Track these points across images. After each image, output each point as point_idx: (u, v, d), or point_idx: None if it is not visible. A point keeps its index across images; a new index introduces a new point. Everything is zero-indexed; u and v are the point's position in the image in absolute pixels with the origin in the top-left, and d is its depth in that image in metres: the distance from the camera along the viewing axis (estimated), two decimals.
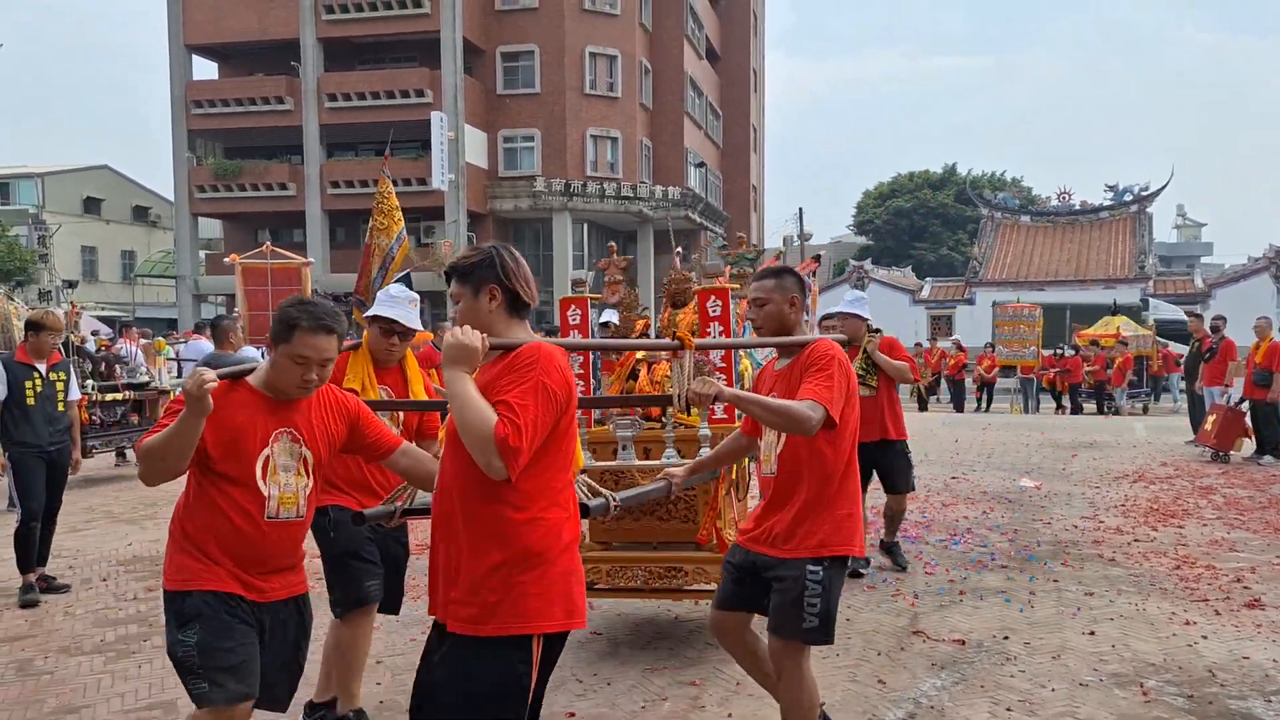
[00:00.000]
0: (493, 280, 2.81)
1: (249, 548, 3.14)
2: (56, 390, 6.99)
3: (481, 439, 2.58)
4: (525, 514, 2.70)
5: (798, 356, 3.66)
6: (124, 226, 55.95)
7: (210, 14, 39.09)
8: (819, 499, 3.57)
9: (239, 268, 17.34)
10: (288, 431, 3.21)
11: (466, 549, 2.71)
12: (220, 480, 3.13)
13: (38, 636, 5.87)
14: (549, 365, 2.69)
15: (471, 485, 2.71)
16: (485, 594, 2.67)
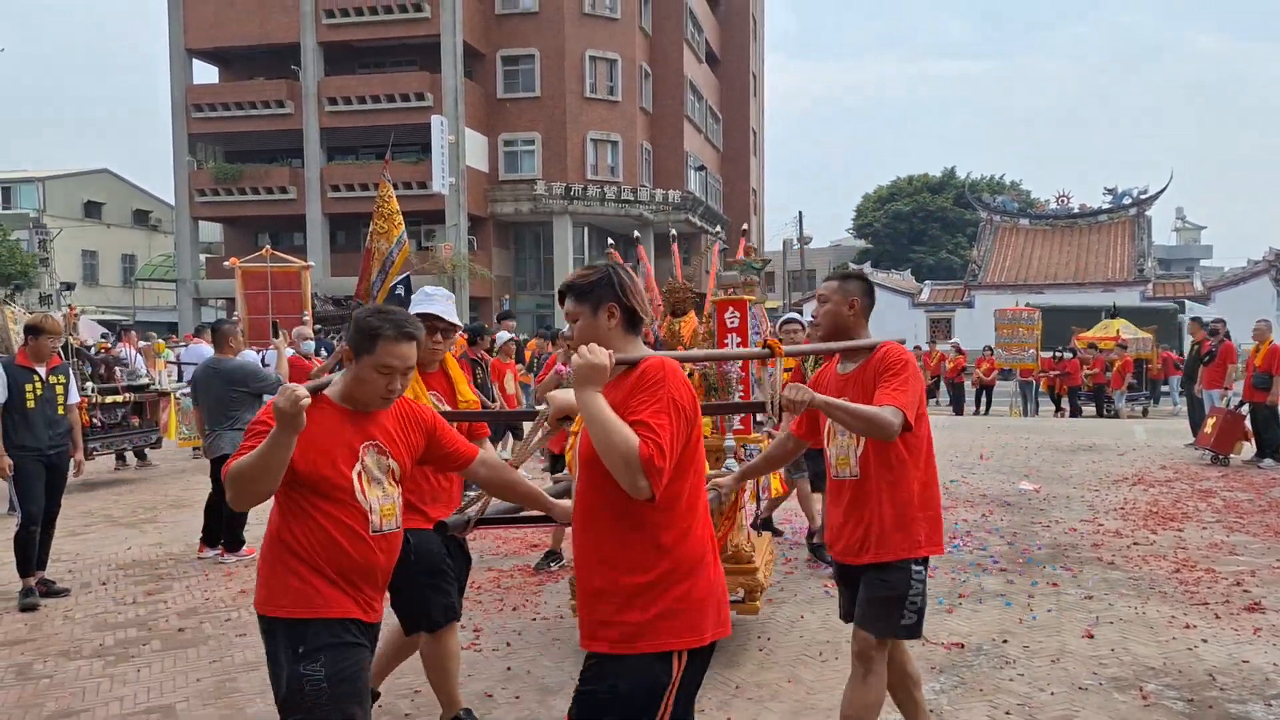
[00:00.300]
0: (611, 298, 2.82)
1: (361, 564, 3.04)
2: (56, 394, 6.98)
3: (628, 461, 2.55)
4: (674, 530, 2.69)
5: (867, 360, 3.68)
6: (124, 230, 56.00)
7: (211, 18, 39.15)
8: (909, 501, 3.65)
9: (239, 271, 17.35)
10: (374, 444, 3.10)
11: (616, 570, 2.70)
12: (317, 498, 3.00)
13: (37, 640, 5.87)
14: (675, 380, 2.70)
15: (617, 508, 2.68)
16: (636, 612, 2.66)
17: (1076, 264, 44.95)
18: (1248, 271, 42.69)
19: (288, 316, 16.47)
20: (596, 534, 2.74)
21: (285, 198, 38.99)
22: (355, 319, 3.14)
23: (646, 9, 43.04)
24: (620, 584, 2.68)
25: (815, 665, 5.11)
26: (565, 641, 5.57)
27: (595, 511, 2.74)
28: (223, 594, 6.84)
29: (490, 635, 5.70)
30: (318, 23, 37.92)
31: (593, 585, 2.75)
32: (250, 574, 7.39)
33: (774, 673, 5.01)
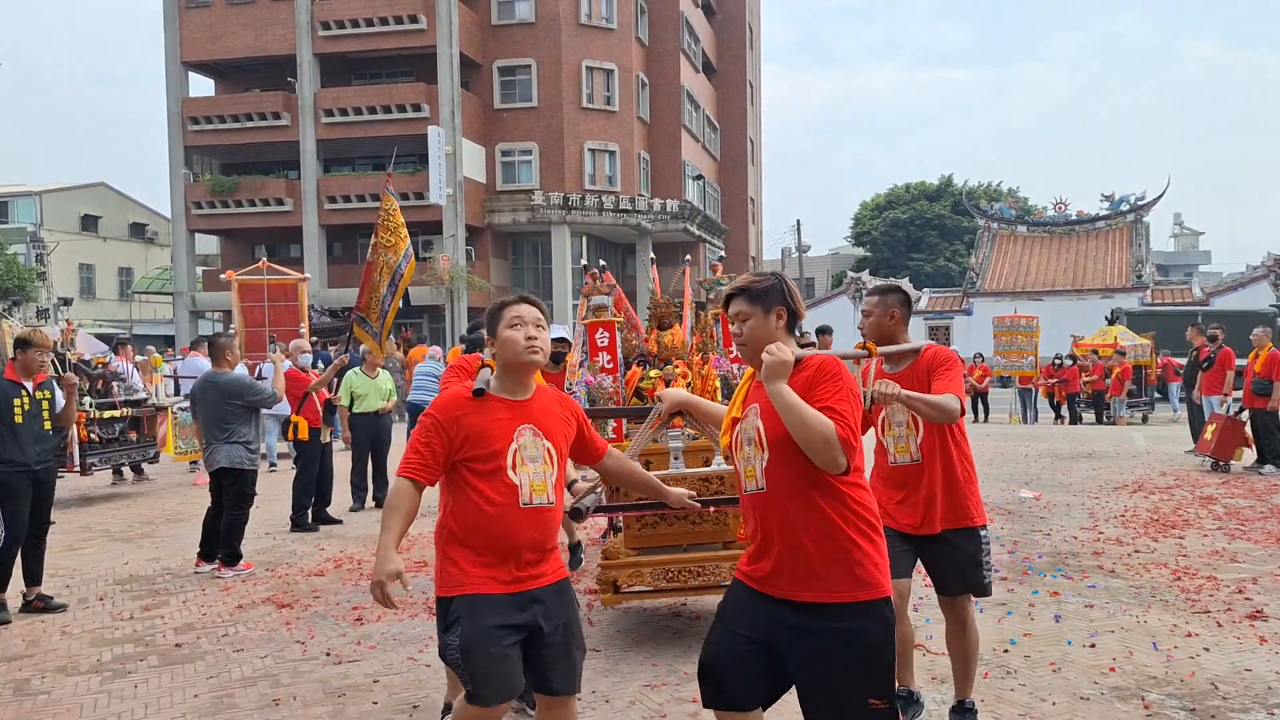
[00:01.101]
0: (780, 302, 3.25)
1: (507, 535, 3.33)
2: (43, 409, 6.90)
3: (828, 442, 2.97)
4: (861, 490, 3.17)
5: (916, 360, 4.25)
6: (121, 243, 56.04)
7: (207, 31, 39.21)
8: (966, 478, 4.25)
9: (235, 284, 17.34)
10: (529, 427, 3.43)
11: (818, 538, 3.10)
12: (473, 477, 3.35)
13: (34, 656, 5.84)
14: (846, 372, 3.17)
15: (815, 481, 3.11)
16: (853, 566, 3.08)
17: (1075, 271, 44.98)
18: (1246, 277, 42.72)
19: (285, 329, 16.46)
20: (792, 498, 3.13)
21: (282, 209, 38.99)
22: (488, 309, 3.62)
23: (643, 19, 43.12)
24: (828, 547, 3.10)
25: None
26: None
27: (794, 484, 3.13)
28: (220, 609, 6.81)
29: None
30: (313, 34, 37.97)
31: (796, 546, 3.13)
32: (248, 589, 7.38)
33: None
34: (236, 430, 7.88)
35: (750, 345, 3.28)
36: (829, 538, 3.11)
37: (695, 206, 44.40)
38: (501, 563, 3.34)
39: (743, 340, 3.31)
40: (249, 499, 8.09)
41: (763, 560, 3.22)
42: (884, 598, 3.11)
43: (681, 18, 44.54)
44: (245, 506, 8.07)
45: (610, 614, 6.29)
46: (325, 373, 10.55)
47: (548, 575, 3.44)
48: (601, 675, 5.17)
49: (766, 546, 3.22)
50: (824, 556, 3.10)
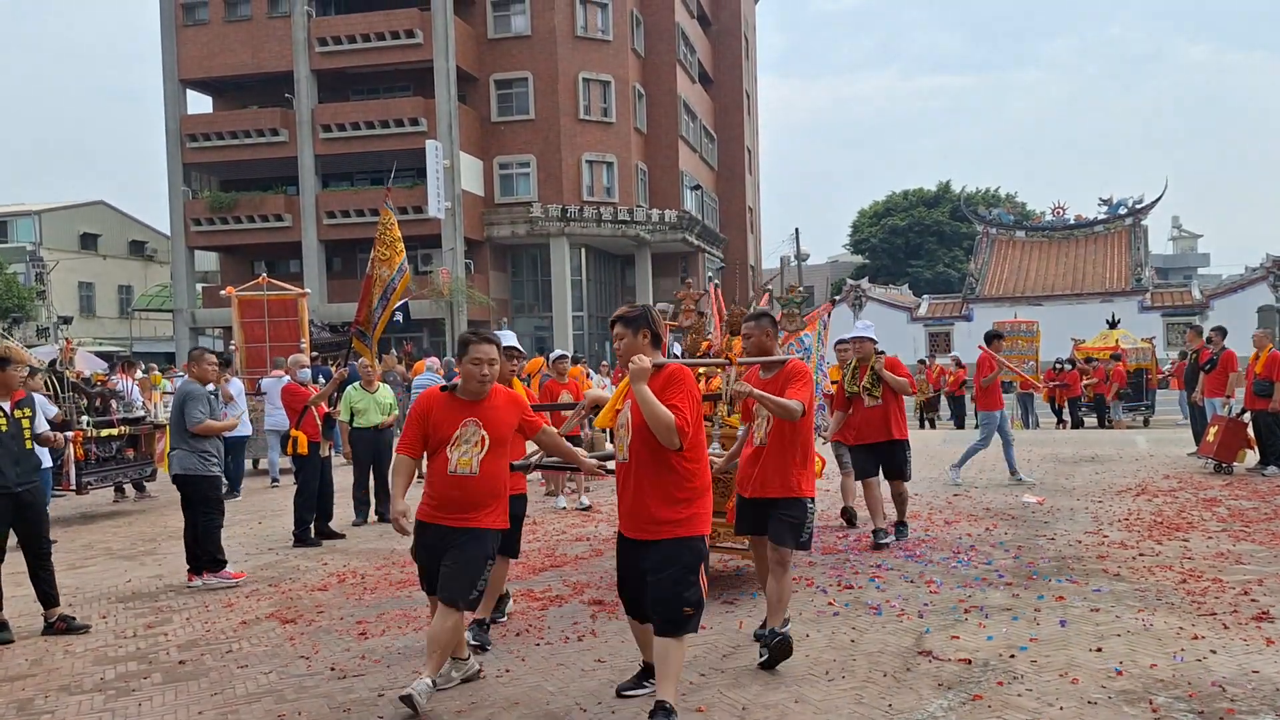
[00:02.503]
0: (645, 326, 4.65)
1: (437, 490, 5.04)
2: (23, 428, 6.74)
3: (669, 429, 4.37)
4: (692, 463, 4.56)
5: (780, 370, 5.66)
6: (121, 261, 56.11)
7: (204, 49, 39.34)
8: (801, 461, 5.56)
9: (235, 300, 17.33)
10: (472, 420, 5.03)
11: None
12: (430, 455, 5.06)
13: (37, 675, 5.82)
14: (689, 378, 4.57)
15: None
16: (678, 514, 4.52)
17: (1074, 275, 45.01)
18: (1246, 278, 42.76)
19: (285, 344, 16.45)
20: (648, 470, 4.54)
21: (281, 225, 39.05)
22: (460, 337, 5.14)
23: (638, 30, 43.23)
24: (666, 499, 4.52)
25: (822, 685, 5.06)
26: (569, 666, 5.52)
27: (644, 458, 4.55)
28: (223, 625, 6.79)
29: (492, 661, 5.65)
30: (310, 51, 38.08)
31: (643, 502, 4.55)
32: (251, 605, 7.35)
33: (780, 693, 4.96)
34: (186, 438, 7.96)
35: (623, 356, 4.64)
36: (665, 496, 4.51)
37: (694, 217, 44.44)
38: (439, 507, 5.01)
39: (620, 352, 4.67)
40: (212, 503, 8.04)
41: (623, 513, 4.69)
42: (691, 537, 4.52)
43: (677, 29, 44.66)
44: (212, 511, 8.02)
45: (615, 625, 6.28)
46: (325, 387, 10.54)
47: (466, 523, 4.97)
48: (607, 686, 5.15)
49: (623, 502, 4.67)
50: (655, 507, 4.52)
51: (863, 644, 5.71)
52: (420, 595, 7.28)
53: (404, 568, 8.47)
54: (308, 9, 38.26)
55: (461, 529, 4.93)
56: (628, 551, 4.64)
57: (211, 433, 8.07)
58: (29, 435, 6.81)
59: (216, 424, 8.12)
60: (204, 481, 8.01)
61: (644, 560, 4.52)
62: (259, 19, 39.08)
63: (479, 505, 4.98)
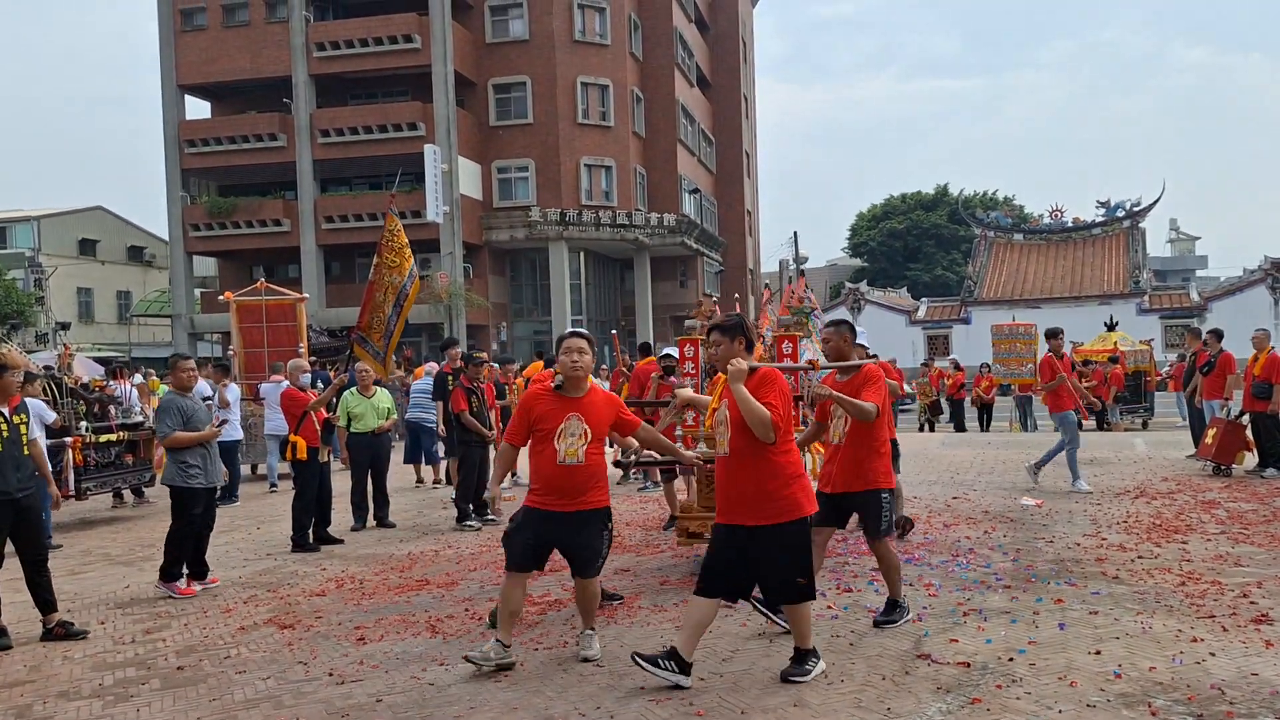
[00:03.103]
0: (740, 333, 5.29)
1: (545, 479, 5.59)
2: (21, 434, 6.71)
3: (765, 424, 4.96)
4: (785, 454, 5.16)
5: (856, 374, 6.18)
6: (119, 267, 56.10)
7: (202, 54, 39.35)
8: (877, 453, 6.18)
9: (233, 305, 17.32)
10: (574, 415, 5.57)
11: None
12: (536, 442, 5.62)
13: (36, 682, 5.81)
14: (781, 380, 5.21)
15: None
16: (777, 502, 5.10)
17: (1072, 278, 45.05)
18: (1244, 281, 42.80)
19: (284, 349, 16.44)
20: (747, 462, 5.11)
21: (279, 230, 39.04)
22: (560, 336, 5.92)
23: (636, 35, 43.27)
24: (765, 488, 5.09)
25: (821, 688, 5.05)
26: (569, 671, 5.51)
27: (743, 450, 5.12)
28: (221, 631, 6.78)
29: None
30: (308, 56, 38.10)
31: (744, 490, 5.11)
32: (249, 611, 7.35)
33: (778, 697, 4.96)
34: (168, 450, 7.89)
35: (720, 360, 5.30)
36: (758, 486, 5.09)
37: (692, 220, 44.46)
38: (550, 493, 5.56)
39: (716, 357, 5.37)
40: (181, 516, 7.91)
41: (721, 502, 5.25)
42: (796, 520, 5.09)
43: (675, 33, 44.70)
44: (181, 523, 7.91)
45: (613, 630, 6.28)
46: (324, 393, 10.54)
47: (580, 505, 5.57)
48: (606, 690, 5.15)
49: (725, 491, 5.22)
50: (758, 496, 5.09)
51: (861, 647, 5.71)
52: (418, 600, 7.30)
53: (402, 573, 8.47)
54: (306, 14, 38.29)
55: (575, 512, 5.55)
56: (727, 536, 5.15)
57: (179, 444, 7.84)
58: (26, 441, 6.78)
59: (184, 435, 7.85)
60: (182, 493, 7.89)
61: (751, 545, 5.10)
62: (257, 24, 39.09)
63: (587, 489, 5.60)
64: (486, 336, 37.58)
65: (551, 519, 5.55)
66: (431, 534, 10.53)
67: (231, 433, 13.73)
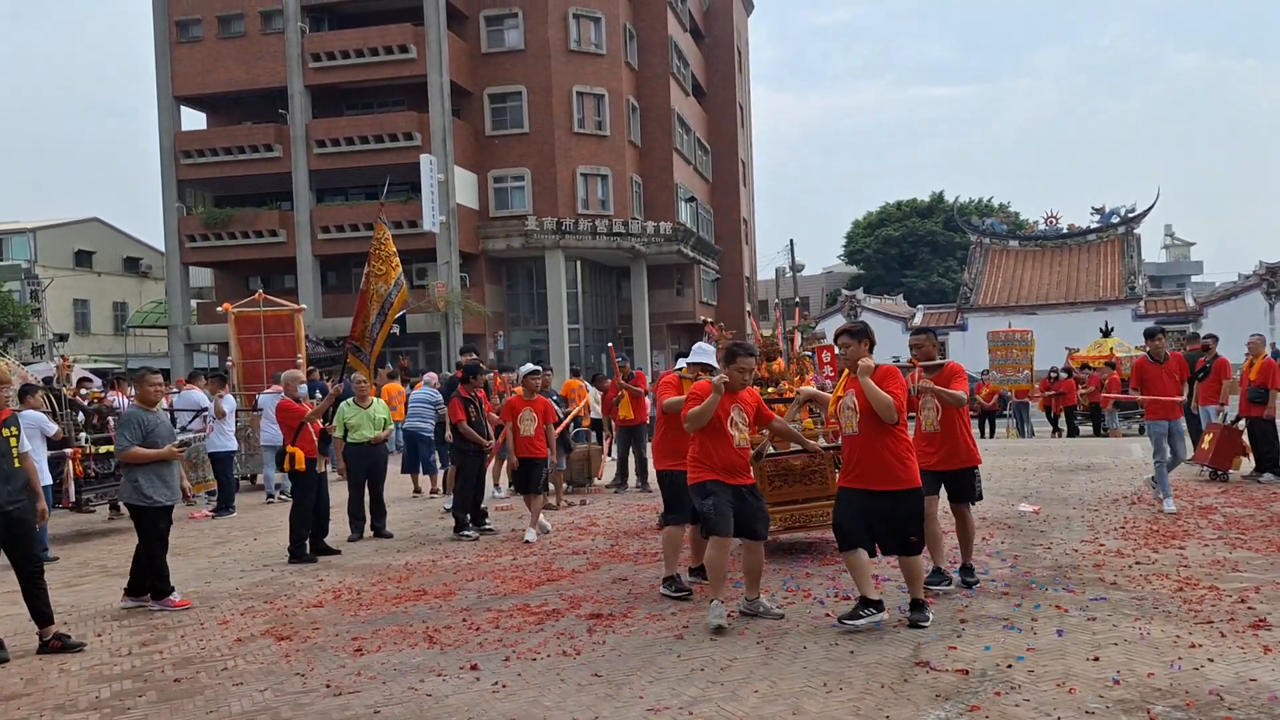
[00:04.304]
0: (866, 337, 6.56)
1: (727, 459, 6.62)
2: (10, 446, 6.71)
3: (890, 408, 6.18)
4: (904, 433, 6.42)
5: (942, 370, 7.26)
6: (115, 278, 56.04)
7: (198, 66, 39.38)
8: (965, 435, 7.28)
9: (231, 316, 17.32)
10: (738, 404, 6.66)
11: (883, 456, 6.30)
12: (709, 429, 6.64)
13: (33, 695, 5.79)
14: (898, 374, 6.50)
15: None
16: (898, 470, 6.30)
17: (1068, 284, 45.11)
18: (1239, 286, 42.88)
19: (282, 360, 16.43)
20: (874, 439, 6.31)
21: (275, 240, 39.02)
22: (725, 348, 6.85)
23: (632, 44, 43.35)
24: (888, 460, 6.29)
25: (820, 696, 5.05)
26: (567, 681, 5.50)
27: (872, 430, 6.31)
28: (219, 643, 6.77)
29: (489, 675, 5.64)
30: (304, 66, 38.13)
31: (872, 462, 6.30)
32: (246, 622, 7.33)
33: (777, 705, 4.95)
34: (126, 465, 7.77)
35: (849, 359, 6.54)
36: (884, 458, 6.27)
37: (689, 229, 44.50)
38: (727, 471, 6.60)
39: (845, 356, 6.59)
40: (145, 533, 7.75)
41: (853, 471, 6.41)
42: (915, 488, 6.33)
43: (670, 42, 44.78)
44: (149, 541, 7.76)
45: (613, 639, 6.27)
46: (320, 403, 10.54)
47: (746, 479, 6.75)
48: (604, 700, 5.15)
49: (858, 463, 6.38)
50: (885, 466, 6.27)
51: (860, 655, 5.70)
52: (416, 611, 7.32)
53: (399, 583, 8.46)
54: (301, 25, 38.33)
55: (746, 485, 6.70)
56: (855, 500, 6.31)
57: (136, 460, 7.63)
58: (15, 454, 6.77)
59: (142, 452, 7.64)
60: (140, 511, 7.74)
61: (876, 506, 6.26)
62: (253, 35, 39.13)
63: (748, 468, 6.84)
64: (484, 346, 37.57)
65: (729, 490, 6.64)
66: (429, 544, 10.52)
67: (226, 443, 13.72)
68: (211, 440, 13.65)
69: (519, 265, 41.24)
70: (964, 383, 7.13)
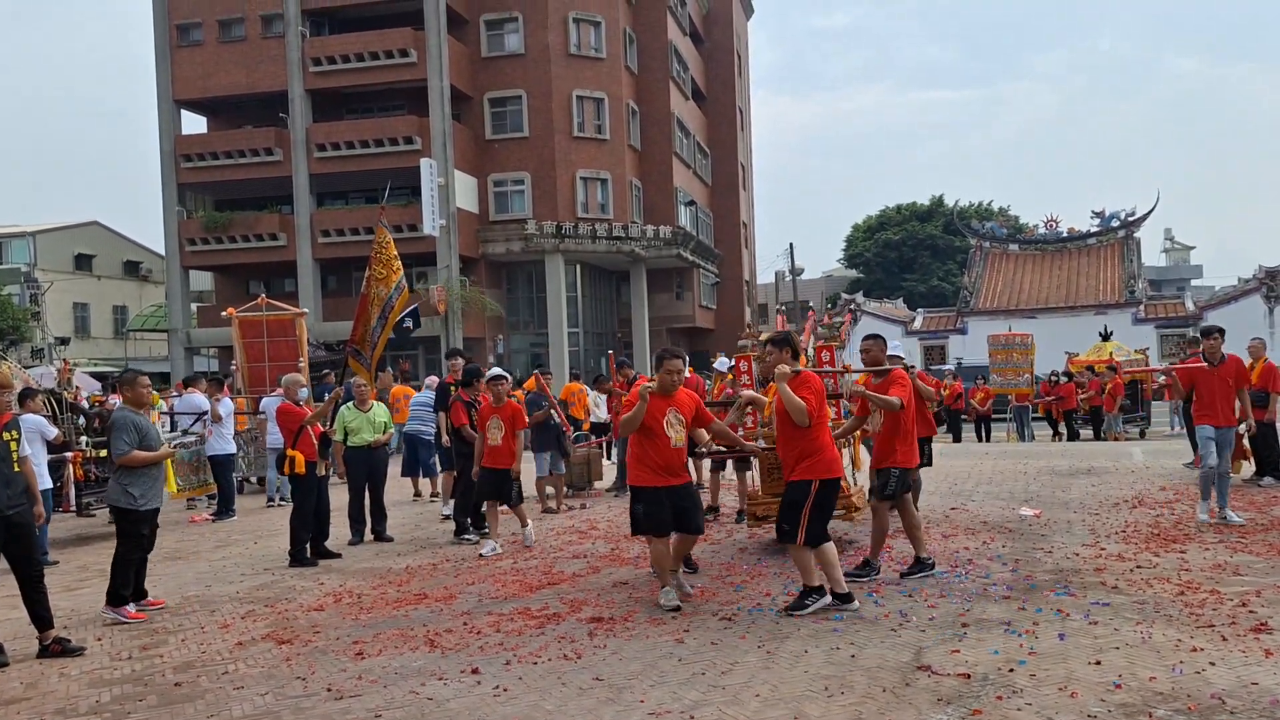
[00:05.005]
0: (787, 345, 7.10)
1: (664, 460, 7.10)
2: (11, 450, 6.71)
3: (801, 412, 6.70)
4: (818, 434, 6.84)
5: (887, 376, 7.77)
6: (115, 282, 56.03)
7: (199, 69, 39.39)
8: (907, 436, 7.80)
9: (235, 321, 17.33)
10: (673, 409, 7.11)
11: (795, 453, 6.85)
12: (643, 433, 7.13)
13: (33, 699, 5.79)
14: (815, 381, 7.03)
15: (794, 429, 6.82)
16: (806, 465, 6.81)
17: (1068, 288, 45.08)
18: (1239, 290, 42.85)
19: (285, 364, 16.44)
20: (788, 438, 6.86)
21: (275, 244, 39.00)
22: (657, 353, 7.36)
23: (632, 48, 43.37)
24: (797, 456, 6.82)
25: (821, 701, 5.04)
26: (567, 684, 5.50)
27: (787, 431, 6.85)
28: (219, 647, 6.76)
29: (490, 679, 5.63)
30: (305, 70, 38.14)
31: (789, 458, 6.90)
32: (247, 626, 7.32)
33: (779, 709, 4.95)
34: (115, 469, 7.72)
35: (769, 367, 7.05)
36: (798, 454, 6.81)
37: (688, 232, 44.49)
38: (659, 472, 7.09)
39: (769, 364, 7.05)
40: (128, 539, 7.67)
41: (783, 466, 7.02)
42: (806, 480, 6.74)
43: (670, 46, 44.81)
44: (128, 546, 7.67)
45: (614, 643, 6.27)
46: (321, 406, 10.53)
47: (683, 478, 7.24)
48: (605, 704, 5.14)
49: (781, 462, 7.06)
50: (795, 461, 6.83)
51: (861, 659, 5.70)
52: (417, 615, 7.31)
53: (400, 587, 8.45)
54: (302, 29, 38.34)
55: (682, 484, 7.19)
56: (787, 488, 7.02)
57: (136, 463, 7.59)
58: (16, 458, 6.76)
59: (142, 455, 7.62)
60: (124, 514, 7.65)
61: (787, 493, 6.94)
62: (253, 39, 39.13)
63: (684, 467, 7.33)
64: (484, 349, 37.56)
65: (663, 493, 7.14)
66: (429, 548, 10.52)
67: (225, 447, 13.73)
68: (211, 444, 13.66)
69: (519, 269, 41.23)
70: (902, 390, 7.55)
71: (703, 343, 45.81)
